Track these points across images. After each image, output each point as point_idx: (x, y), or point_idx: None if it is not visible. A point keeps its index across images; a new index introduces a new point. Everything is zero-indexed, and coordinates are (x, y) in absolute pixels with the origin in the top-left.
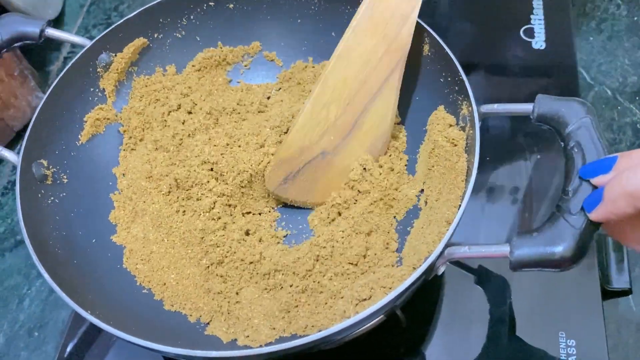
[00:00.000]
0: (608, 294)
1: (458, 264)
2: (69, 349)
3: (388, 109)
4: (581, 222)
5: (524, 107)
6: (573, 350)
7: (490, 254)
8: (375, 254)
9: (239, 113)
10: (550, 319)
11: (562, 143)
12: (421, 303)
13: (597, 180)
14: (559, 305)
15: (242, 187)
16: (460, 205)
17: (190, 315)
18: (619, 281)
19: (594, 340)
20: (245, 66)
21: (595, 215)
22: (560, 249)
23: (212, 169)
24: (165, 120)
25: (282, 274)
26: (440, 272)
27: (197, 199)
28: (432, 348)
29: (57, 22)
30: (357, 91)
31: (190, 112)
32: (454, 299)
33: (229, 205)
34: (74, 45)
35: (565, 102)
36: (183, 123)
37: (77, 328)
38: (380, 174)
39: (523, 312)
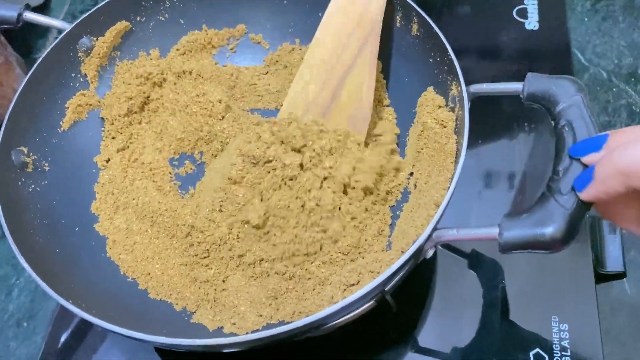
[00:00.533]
0: (601, 277)
1: (450, 247)
2: (56, 339)
3: (362, 82)
4: (572, 202)
5: (514, 86)
6: (566, 335)
7: (479, 236)
8: (366, 240)
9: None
10: (542, 303)
11: (552, 122)
12: (413, 288)
13: (587, 159)
14: (552, 289)
15: None
16: (449, 188)
17: (176, 304)
18: (612, 264)
19: (586, 324)
20: (231, 49)
21: (585, 194)
22: (550, 230)
23: None
24: (148, 106)
25: (268, 263)
26: (429, 255)
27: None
28: (424, 333)
29: (43, 9)
30: (333, 67)
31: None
32: (446, 283)
33: None
34: (60, 32)
35: (556, 80)
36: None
37: (65, 318)
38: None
39: (515, 296)
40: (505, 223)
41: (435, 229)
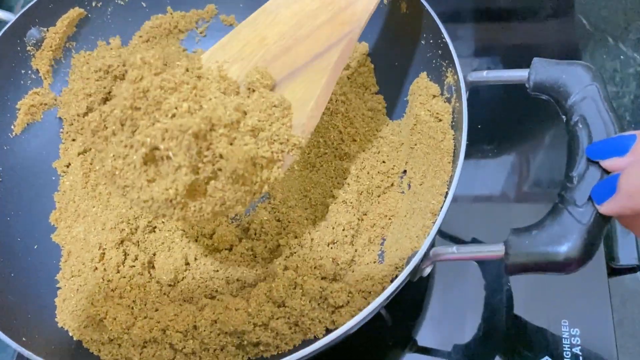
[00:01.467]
0: (614, 272)
1: (448, 238)
2: None
3: (310, 96)
4: (589, 215)
5: (518, 74)
6: (577, 340)
7: (482, 255)
8: (356, 251)
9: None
10: (551, 305)
11: (564, 117)
12: (410, 292)
13: (609, 164)
14: (561, 290)
15: None
16: (447, 194)
17: None
18: (626, 258)
19: (600, 328)
20: (201, 33)
21: (606, 208)
22: (564, 249)
23: None
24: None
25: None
26: (425, 273)
27: None
28: (421, 339)
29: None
30: (275, 58)
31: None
32: (447, 284)
33: None
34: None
35: (566, 67)
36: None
37: None
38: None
39: (522, 298)
40: (513, 241)
41: (432, 245)
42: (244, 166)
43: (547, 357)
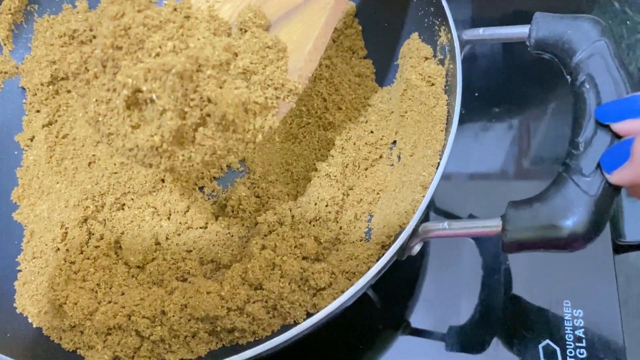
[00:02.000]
0: (619, 248)
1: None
2: None
3: (307, 37)
4: (597, 185)
5: (518, 31)
6: (580, 322)
7: (477, 231)
8: (341, 228)
9: None
10: (552, 286)
11: (568, 77)
12: (400, 272)
13: (621, 127)
14: (563, 269)
15: None
16: (438, 164)
17: None
18: (632, 234)
19: (605, 309)
20: None
21: (618, 177)
22: (569, 223)
23: None
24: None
25: None
26: (414, 252)
27: None
28: (415, 323)
29: None
30: None
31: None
32: (441, 266)
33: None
34: None
35: (571, 21)
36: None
37: None
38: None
39: (521, 279)
40: (511, 214)
41: (422, 220)
42: (234, 111)
43: (548, 340)
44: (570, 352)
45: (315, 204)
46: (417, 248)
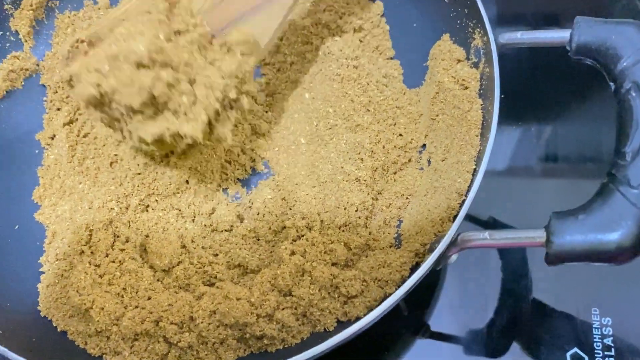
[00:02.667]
0: None
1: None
2: None
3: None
4: None
5: (559, 35)
6: (609, 331)
7: (519, 242)
8: (370, 234)
9: None
10: (580, 293)
11: (612, 84)
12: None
13: None
14: (591, 276)
15: None
16: (475, 171)
17: None
18: None
19: (635, 317)
20: None
21: None
22: (616, 237)
23: None
24: None
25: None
26: (452, 261)
27: None
28: (435, 326)
29: None
30: None
31: None
32: (464, 270)
33: None
34: None
35: (615, 26)
36: None
37: None
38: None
39: (547, 285)
40: (556, 226)
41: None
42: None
43: (575, 349)
44: None
45: (345, 209)
46: (454, 257)
